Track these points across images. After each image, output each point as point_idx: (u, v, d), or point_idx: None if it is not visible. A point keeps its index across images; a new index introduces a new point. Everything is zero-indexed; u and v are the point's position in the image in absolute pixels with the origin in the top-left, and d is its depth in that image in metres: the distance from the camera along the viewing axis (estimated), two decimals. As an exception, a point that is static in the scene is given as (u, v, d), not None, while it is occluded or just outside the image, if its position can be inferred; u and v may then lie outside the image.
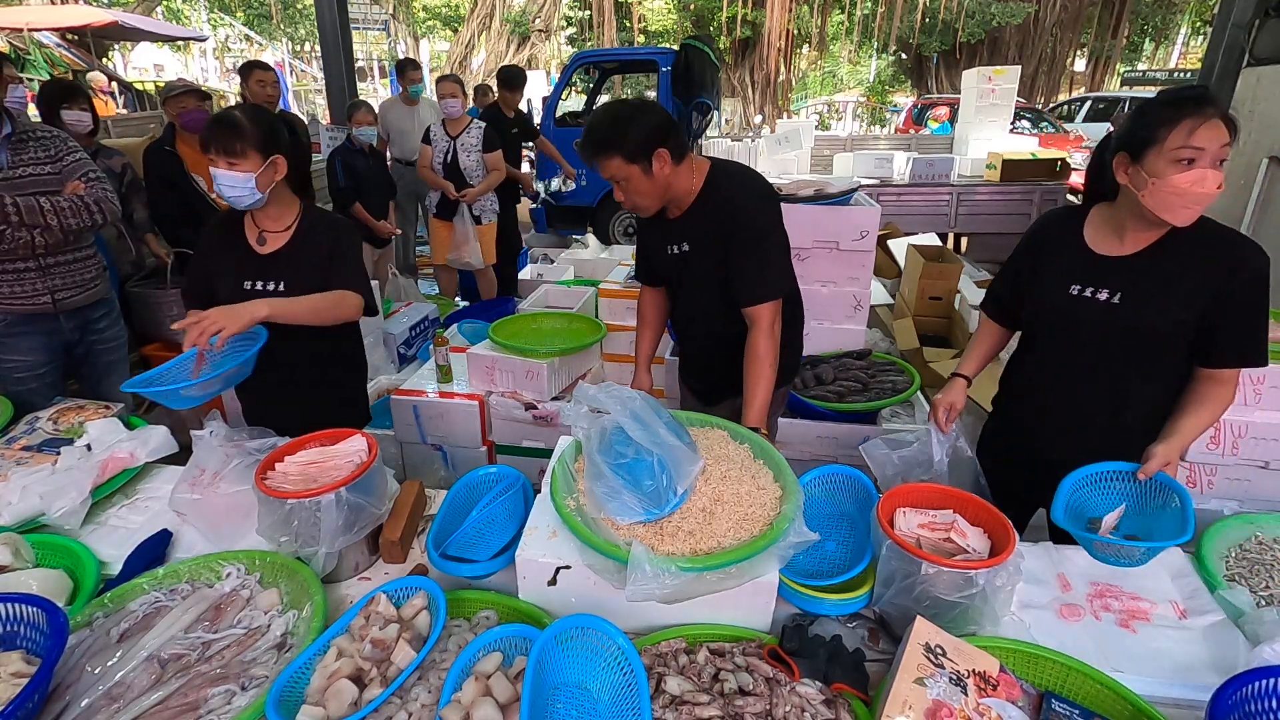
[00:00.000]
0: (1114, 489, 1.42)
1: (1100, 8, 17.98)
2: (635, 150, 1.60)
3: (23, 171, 2.17)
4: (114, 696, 1.07)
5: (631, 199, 1.69)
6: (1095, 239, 1.49)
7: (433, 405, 2.70)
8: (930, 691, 0.97)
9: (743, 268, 1.71)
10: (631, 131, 1.60)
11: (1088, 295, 1.48)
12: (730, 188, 1.74)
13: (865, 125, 19.80)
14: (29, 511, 1.50)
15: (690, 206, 1.76)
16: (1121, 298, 1.43)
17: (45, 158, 2.22)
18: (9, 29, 10.23)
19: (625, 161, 1.61)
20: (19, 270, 2.22)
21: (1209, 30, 8.74)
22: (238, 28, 20.45)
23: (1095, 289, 1.47)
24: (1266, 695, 0.96)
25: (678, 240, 1.81)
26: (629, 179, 1.64)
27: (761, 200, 1.75)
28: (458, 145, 4.46)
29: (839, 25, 19.22)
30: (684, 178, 1.71)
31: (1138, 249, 1.43)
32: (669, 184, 1.69)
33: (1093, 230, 1.51)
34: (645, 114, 1.63)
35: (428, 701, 1.02)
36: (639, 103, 1.69)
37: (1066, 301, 1.51)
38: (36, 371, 2.35)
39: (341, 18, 5.63)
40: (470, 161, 4.49)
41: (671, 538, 1.14)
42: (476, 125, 4.51)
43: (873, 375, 2.74)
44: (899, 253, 4.97)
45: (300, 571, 1.29)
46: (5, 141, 2.13)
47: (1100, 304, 1.46)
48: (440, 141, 4.48)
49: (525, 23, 18.74)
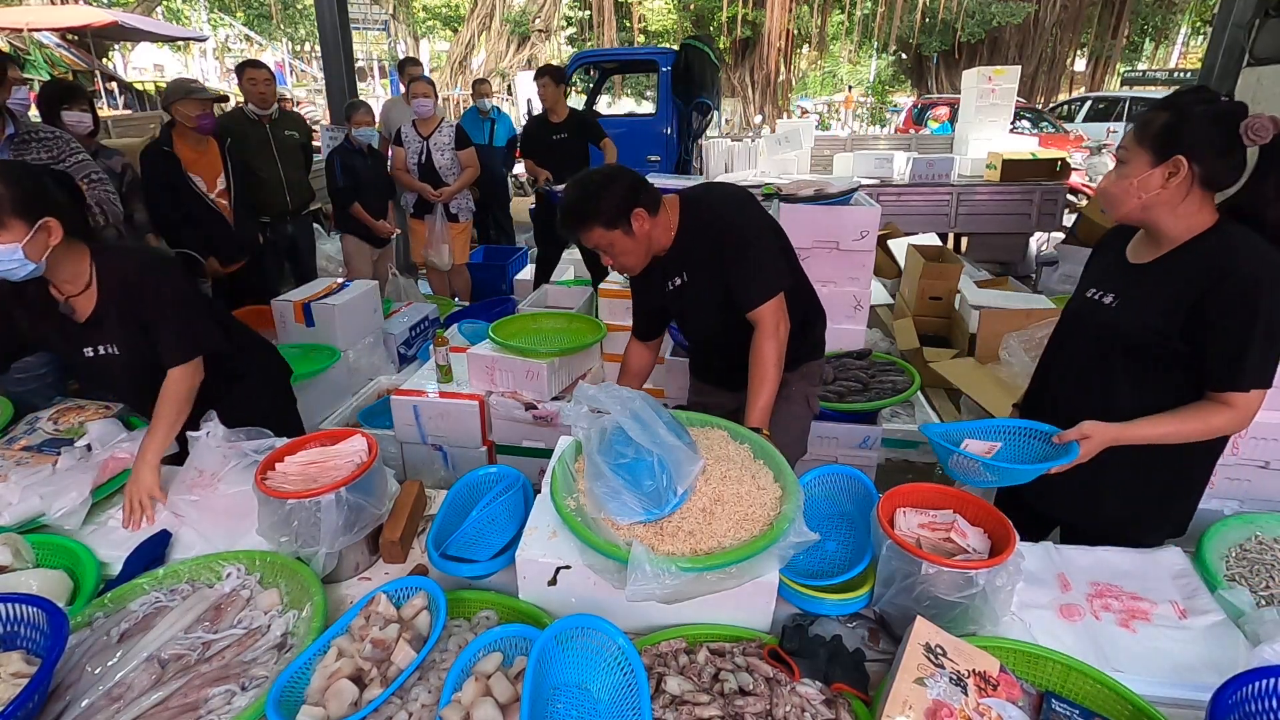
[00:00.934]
0: (1029, 446, 1.46)
1: (1100, 8, 17.98)
2: (612, 217, 1.66)
3: None
4: (114, 697, 1.07)
5: (619, 261, 1.76)
6: (1134, 247, 1.46)
7: (433, 405, 2.69)
8: (930, 691, 0.97)
9: (738, 277, 1.73)
10: (604, 201, 1.66)
11: (1097, 298, 1.47)
12: (703, 208, 1.79)
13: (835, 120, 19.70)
14: (29, 512, 1.50)
15: (676, 242, 1.80)
16: (1119, 303, 1.42)
17: (48, 159, 2.24)
18: (9, 29, 10.23)
19: (605, 230, 1.68)
20: None
21: (1209, 30, 8.74)
22: (238, 28, 20.46)
23: (1105, 293, 1.46)
24: (1266, 695, 0.96)
25: (674, 275, 1.85)
26: (613, 244, 1.71)
27: (737, 207, 1.78)
28: (430, 145, 4.48)
29: (839, 25, 19.22)
30: (663, 225, 1.76)
31: (1155, 256, 1.39)
32: (651, 237, 1.74)
33: (1137, 239, 1.46)
34: (614, 180, 1.69)
35: (428, 701, 1.02)
36: (607, 171, 1.74)
37: (1081, 303, 1.51)
38: (37, 372, 2.36)
39: (341, 18, 5.62)
40: (445, 160, 4.50)
41: (671, 538, 1.14)
42: (448, 124, 4.55)
43: (873, 375, 2.74)
44: (899, 253, 4.96)
45: (300, 571, 1.29)
46: (8, 142, 2.15)
47: (1101, 306, 1.45)
48: (413, 142, 4.50)
49: (525, 23, 18.73)
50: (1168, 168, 1.27)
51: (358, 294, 3.45)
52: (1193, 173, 1.26)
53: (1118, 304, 1.42)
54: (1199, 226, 1.32)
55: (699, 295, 1.84)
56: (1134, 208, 1.34)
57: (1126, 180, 1.32)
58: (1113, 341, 1.43)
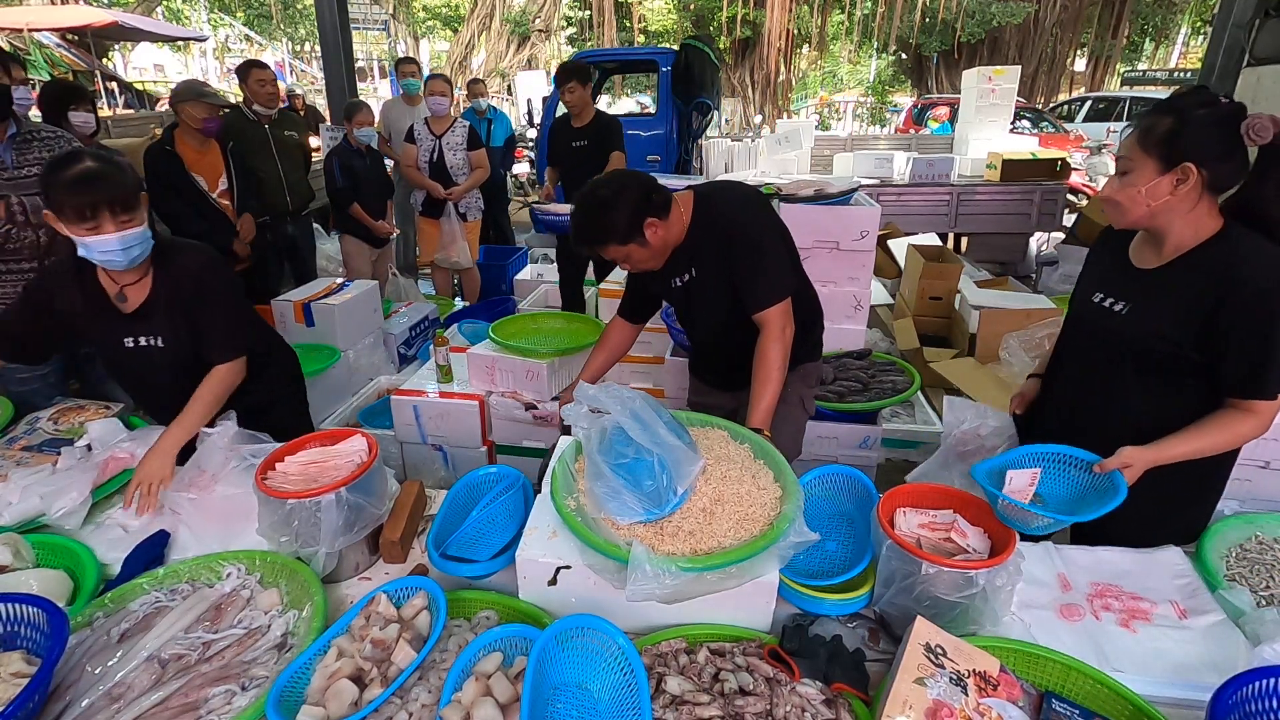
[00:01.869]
0: (1069, 476, 1.38)
1: (1100, 8, 17.97)
2: (626, 233, 1.65)
3: (28, 171, 2.20)
4: (114, 696, 1.07)
5: (637, 268, 1.77)
6: (1136, 249, 1.44)
7: (433, 405, 2.69)
8: (930, 691, 0.97)
9: (746, 277, 1.73)
10: (617, 217, 1.64)
11: (1104, 304, 1.45)
12: (716, 206, 1.78)
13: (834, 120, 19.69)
14: (29, 511, 1.50)
15: (688, 238, 1.78)
16: (1129, 310, 1.40)
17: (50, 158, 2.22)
18: (9, 29, 10.23)
19: (620, 245, 1.67)
20: (24, 271, 2.25)
21: (1209, 30, 8.74)
22: (238, 28, 20.46)
23: (1113, 299, 1.44)
24: (1266, 695, 0.96)
25: (684, 270, 1.83)
26: (629, 256, 1.71)
27: (750, 207, 1.78)
28: (443, 144, 4.48)
29: (839, 25, 19.22)
30: (676, 224, 1.74)
31: (1161, 262, 1.37)
32: (665, 241, 1.73)
33: (1138, 240, 1.45)
34: (624, 192, 1.65)
35: (428, 701, 1.02)
36: (615, 183, 1.68)
37: (1087, 308, 1.49)
38: (39, 371, 2.37)
39: (341, 18, 5.62)
40: (456, 160, 4.50)
41: (671, 538, 1.14)
42: (461, 124, 4.53)
43: (873, 375, 2.74)
44: (899, 253, 4.96)
45: (300, 571, 1.29)
46: (11, 141, 2.17)
47: (1111, 313, 1.43)
48: (425, 140, 4.49)
49: (525, 23, 18.73)
50: (1176, 175, 1.26)
51: (358, 294, 3.45)
52: (1201, 179, 1.25)
53: (1128, 311, 1.40)
54: (1206, 231, 1.31)
55: (705, 292, 1.83)
56: (1141, 215, 1.33)
57: (1133, 189, 1.30)
58: (1123, 349, 1.41)
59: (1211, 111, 1.25)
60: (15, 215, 2.14)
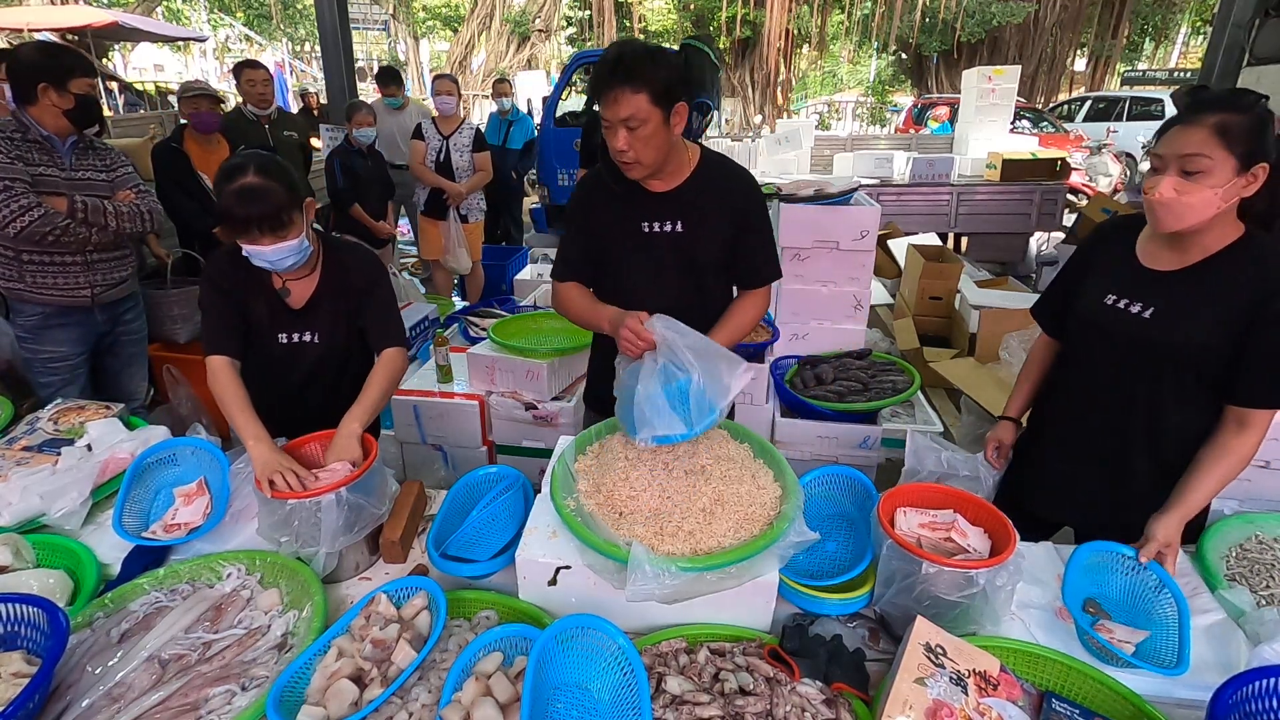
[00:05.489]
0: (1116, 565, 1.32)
1: (1100, 8, 17.98)
2: (662, 93, 1.40)
3: (83, 175, 2.35)
4: (114, 696, 1.07)
5: (636, 151, 1.45)
6: (1145, 251, 1.39)
7: (433, 405, 2.69)
8: (931, 691, 0.97)
9: (758, 248, 1.66)
10: (662, 71, 1.39)
11: (1121, 307, 1.39)
12: (728, 167, 1.66)
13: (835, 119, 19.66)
14: (29, 512, 1.50)
15: (687, 184, 1.60)
16: (1153, 313, 1.34)
17: (101, 166, 2.42)
18: (9, 29, 10.23)
19: (651, 102, 1.40)
20: (65, 264, 2.37)
21: (1209, 30, 8.74)
22: (238, 28, 20.46)
23: (1130, 301, 1.38)
24: (1266, 695, 0.96)
25: (668, 218, 1.60)
26: (645, 123, 1.41)
27: (757, 186, 1.72)
28: (450, 144, 4.49)
29: (839, 25, 19.21)
30: (681, 148, 1.59)
31: (1183, 265, 1.32)
32: (673, 147, 1.52)
33: (1145, 241, 1.40)
34: (672, 58, 1.43)
35: (428, 701, 1.02)
36: (660, 46, 1.50)
37: (1100, 311, 1.42)
38: (70, 362, 2.48)
39: (341, 18, 5.63)
40: (463, 161, 4.52)
41: (671, 538, 1.14)
42: (469, 125, 4.55)
43: (873, 375, 2.74)
44: (899, 253, 4.96)
45: (300, 571, 1.29)
46: (72, 147, 2.33)
47: (1131, 317, 1.37)
48: (433, 139, 4.51)
49: (525, 23, 18.74)
50: (1249, 176, 1.20)
51: (358, 294, 3.44)
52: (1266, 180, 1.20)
53: (1153, 315, 1.34)
54: (1231, 235, 1.28)
55: (688, 250, 1.62)
56: (1208, 218, 1.23)
57: (1210, 190, 1.19)
58: (1150, 354, 1.36)
59: (1266, 109, 1.21)
60: (77, 212, 2.27)
